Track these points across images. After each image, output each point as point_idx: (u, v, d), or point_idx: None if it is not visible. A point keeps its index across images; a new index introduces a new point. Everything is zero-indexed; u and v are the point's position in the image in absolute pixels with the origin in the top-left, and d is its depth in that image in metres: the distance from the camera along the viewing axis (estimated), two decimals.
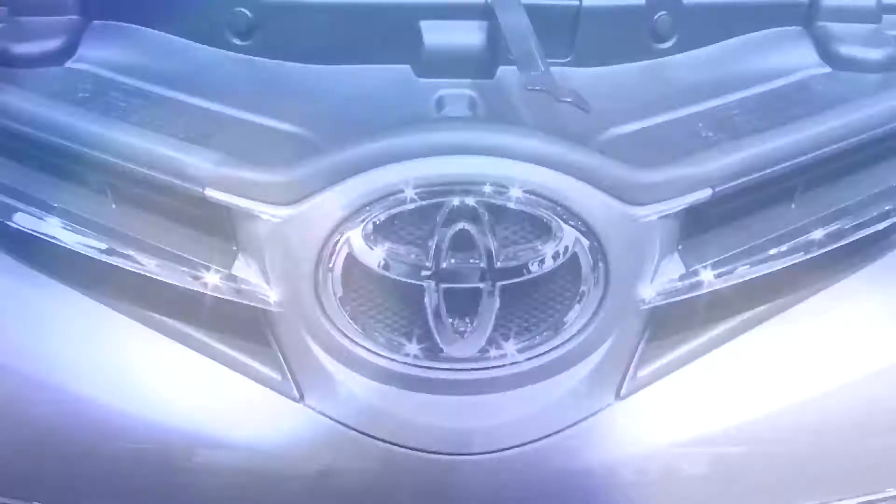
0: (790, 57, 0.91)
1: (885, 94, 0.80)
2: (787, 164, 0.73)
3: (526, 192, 0.66)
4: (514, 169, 0.65)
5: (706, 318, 0.76)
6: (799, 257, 0.75)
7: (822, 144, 0.74)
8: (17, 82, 0.79)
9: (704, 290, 0.73)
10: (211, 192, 0.68)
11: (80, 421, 0.76)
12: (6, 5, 0.88)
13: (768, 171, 0.72)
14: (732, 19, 0.93)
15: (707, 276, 0.73)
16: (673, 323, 0.76)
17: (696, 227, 0.75)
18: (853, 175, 0.80)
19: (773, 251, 0.75)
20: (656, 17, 0.89)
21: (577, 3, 0.86)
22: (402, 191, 0.65)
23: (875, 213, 0.78)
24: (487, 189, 0.66)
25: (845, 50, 0.90)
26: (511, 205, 0.66)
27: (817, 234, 0.76)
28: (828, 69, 0.90)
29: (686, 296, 0.72)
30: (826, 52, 0.91)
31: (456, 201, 0.66)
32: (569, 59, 0.88)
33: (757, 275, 0.74)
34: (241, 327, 0.74)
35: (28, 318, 0.76)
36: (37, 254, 0.76)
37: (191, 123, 0.77)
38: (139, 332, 0.75)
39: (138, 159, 0.69)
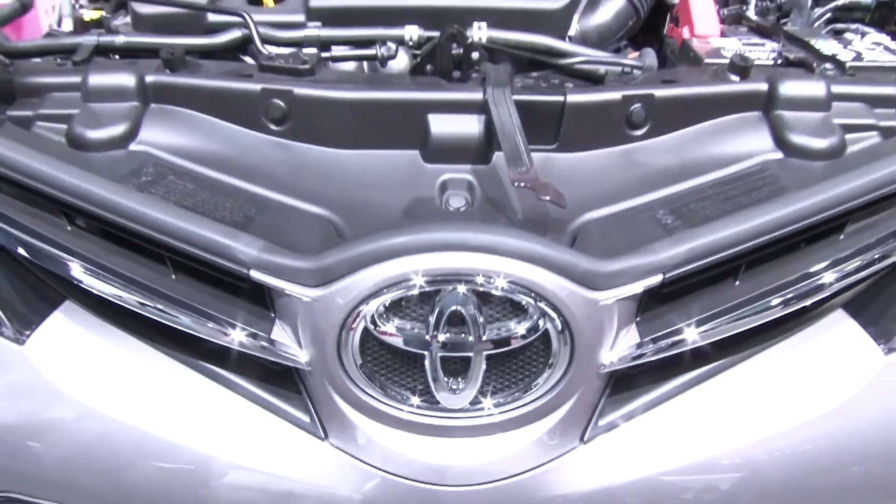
0: (748, 142, 1.08)
1: (822, 185, 0.97)
2: (731, 251, 0.91)
3: (509, 281, 0.85)
4: (500, 264, 0.85)
5: (658, 377, 0.96)
6: (740, 327, 0.94)
7: (763, 233, 0.92)
8: (90, 165, 0.98)
9: (656, 357, 0.92)
10: (255, 274, 0.87)
11: (142, 447, 0.97)
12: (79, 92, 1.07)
13: (713, 257, 0.91)
14: (700, 106, 1.10)
15: (659, 344, 0.92)
16: (630, 381, 0.96)
17: (652, 301, 0.94)
18: (791, 254, 0.98)
19: (718, 322, 0.93)
20: (631, 108, 1.06)
21: (562, 99, 1.04)
22: (411, 279, 0.85)
23: (809, 288, 0.96)
24: (479, 279, 0.85)
25: (796, 138, 1.07)
26: (497, 291, 0.85)
27: (756, 307, 0.94)
28: (780, 155, 1.07)
29: (641, 361, 0.92)
30: (780, 139, 1.08)
31: (452, 288, 0.85)
32: (555, 145, 1.07)
33: (704, 343, 0.93)
34: (278, 379, 0.95)
35: (105, 363, 0.97)
36: (112, 313, 0.97)
37: (237, 206, 0.96)
38: (195, 379, 0.96)
39: (196, 243, 0.89)
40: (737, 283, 0.96)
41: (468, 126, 1.04)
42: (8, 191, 0.99)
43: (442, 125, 1.04)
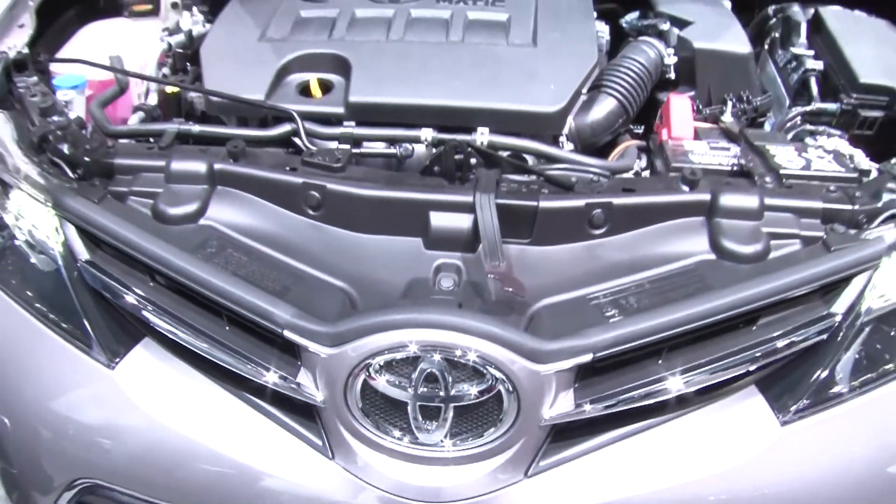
0: (689, 244, 1.39)
1: (735, 287, 1.28)
2: (651, 338, 1.24)
3: (478, 355, 1.19)
4: (467, 340, 1.19)
5: (591, 430, 1.29)
6: (658, 398, 1.26)
7: (678, 326, 1.24)
8: (169, 237, 1.35)
9: (587, 416, 1.25)
10: (287, 334, 1.23)
11: (193, 453, 1.34)
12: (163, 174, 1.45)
13: (637, 343, 1.23)
14: (652, 212, 1.41)
15: (589, 407, 1.24)
16: (569, 431, 1.29)
17: (588, 372, 1.27)
18: (710, 340, 1.30)
19: (641, 392, 1.26)
20: (593, 213, 1.39)
21: (536, 204, 1.37)
22: (404, 346, 1.19)
23: (718, 370, 1.28)
24: (458, 352, 1.19)
25: (727, 243, 1.37)
26: (468, 362, 1.19)
27: (674, 382, 1.26)
28: (713, 256, 1.38)
29: (575, 418, 1.25)
30: (714, 243, 1.38)
31: (430, 355, 1.20)
32: (529, 240, 1.39)
33: (628, 407, 1.26)
34: (300, 410, 1.31)
35: (171, 388, 1.35)
36: (180, 350, 1.34)
37: (278, 277, 1.32)
38: (238, 405, 1.32)
39: (245, 307, 1.25)
40: (660, 361, 1.29)
41: (460, 222, 1.37)
42: (107, 250, 1.38)
43: (439, 220, 1.38)
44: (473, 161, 1.45)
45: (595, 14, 1.99)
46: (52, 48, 1.90)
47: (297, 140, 1.62)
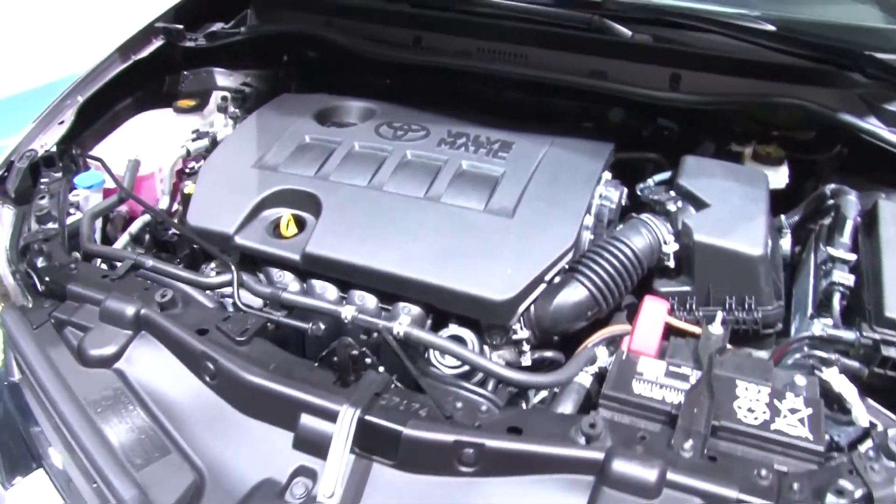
0: None
1: None
2: None
3: None
4: None
5: None
6: None
7: None
8: (75, 380, 1.42)
9: None
10: None
11: None
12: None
13: None
14: (533, 461, 1.27)
15: None
16: None
17: None
18: None
19: None
20: (462, 451, 1.28)
21: (400, 429, 1.29)
22: None
23: None
24: None
25: None
26: None
27: None
28: None
29: None
30: None
31: None
32: (394, 462, 1.31)
33: None
34: None
35: None
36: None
37: (147, 447, 1.35)
38: None
39: (100, 475, 1.30)
40: None
41: (327, 429, 1.31)
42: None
43: (308, 423, 1.32)
44: (367, 361, 1.39)
45: (608, 175, 1.81)
46: (102, 135, 2.04)
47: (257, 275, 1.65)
